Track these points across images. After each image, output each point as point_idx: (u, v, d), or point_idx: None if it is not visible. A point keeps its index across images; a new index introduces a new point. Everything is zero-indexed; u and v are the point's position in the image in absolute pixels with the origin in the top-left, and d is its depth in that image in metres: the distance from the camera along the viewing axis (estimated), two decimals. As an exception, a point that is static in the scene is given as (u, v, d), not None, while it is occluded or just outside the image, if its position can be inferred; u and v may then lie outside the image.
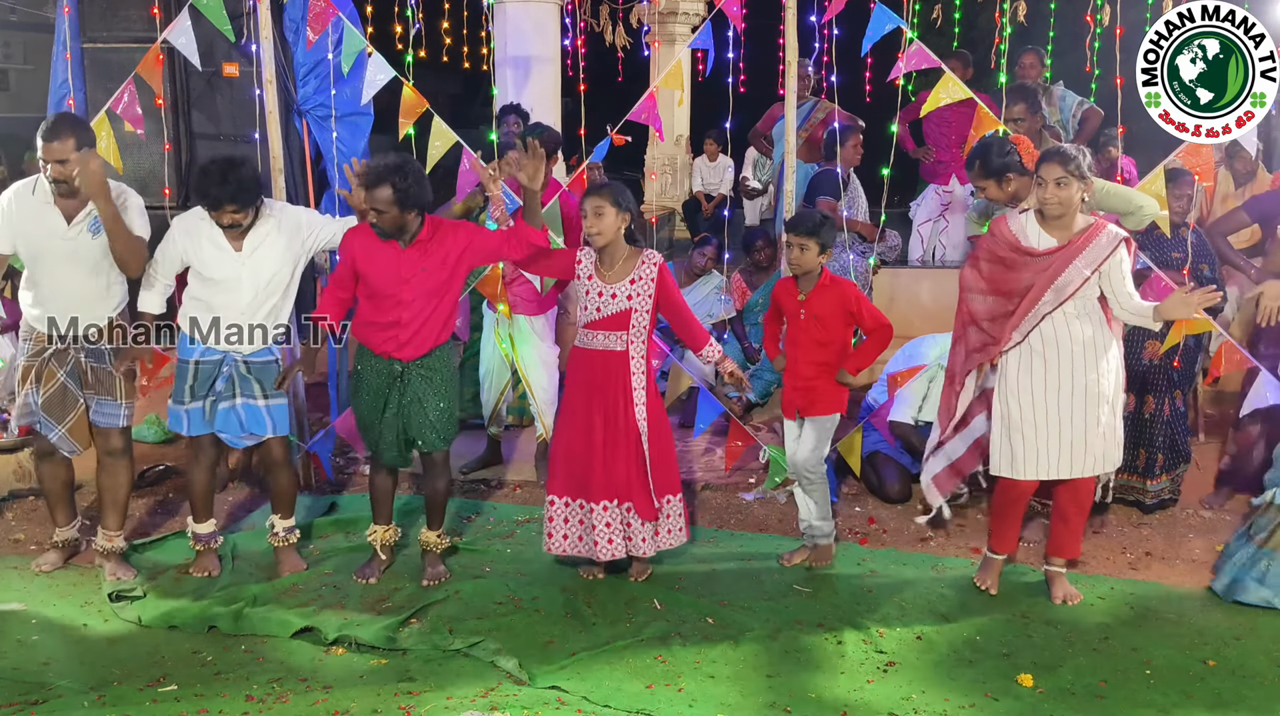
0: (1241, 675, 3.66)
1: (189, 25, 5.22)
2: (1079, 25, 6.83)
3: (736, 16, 5.36)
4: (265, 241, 4.24)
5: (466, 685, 3.58)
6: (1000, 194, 4.56)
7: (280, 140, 5.42)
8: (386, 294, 4.13)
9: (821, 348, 4.36)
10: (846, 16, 5.25)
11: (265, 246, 4.24)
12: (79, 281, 4.23)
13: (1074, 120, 6.75)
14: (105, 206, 4.04)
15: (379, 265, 4.12)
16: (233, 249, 4.21)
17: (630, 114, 5.38)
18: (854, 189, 6.65)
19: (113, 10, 7.18)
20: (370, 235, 4.15)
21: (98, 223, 4.12)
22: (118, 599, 4.23)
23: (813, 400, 4.40)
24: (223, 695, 3.53)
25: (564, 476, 4.30)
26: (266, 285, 4.26)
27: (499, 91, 7.44)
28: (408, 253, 4.11)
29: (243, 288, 4.23)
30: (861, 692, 3.54)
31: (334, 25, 5.39)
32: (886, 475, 5.33)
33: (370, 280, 4.15)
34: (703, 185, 10.25)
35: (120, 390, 4.36)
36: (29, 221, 4.18)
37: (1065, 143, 6.63)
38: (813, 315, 4.35)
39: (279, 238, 4.26)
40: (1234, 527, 4.84)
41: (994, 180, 4.53)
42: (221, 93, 7.35)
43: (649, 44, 11.40)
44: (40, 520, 5.13)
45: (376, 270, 4.12)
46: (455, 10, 8.46)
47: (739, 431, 5.45)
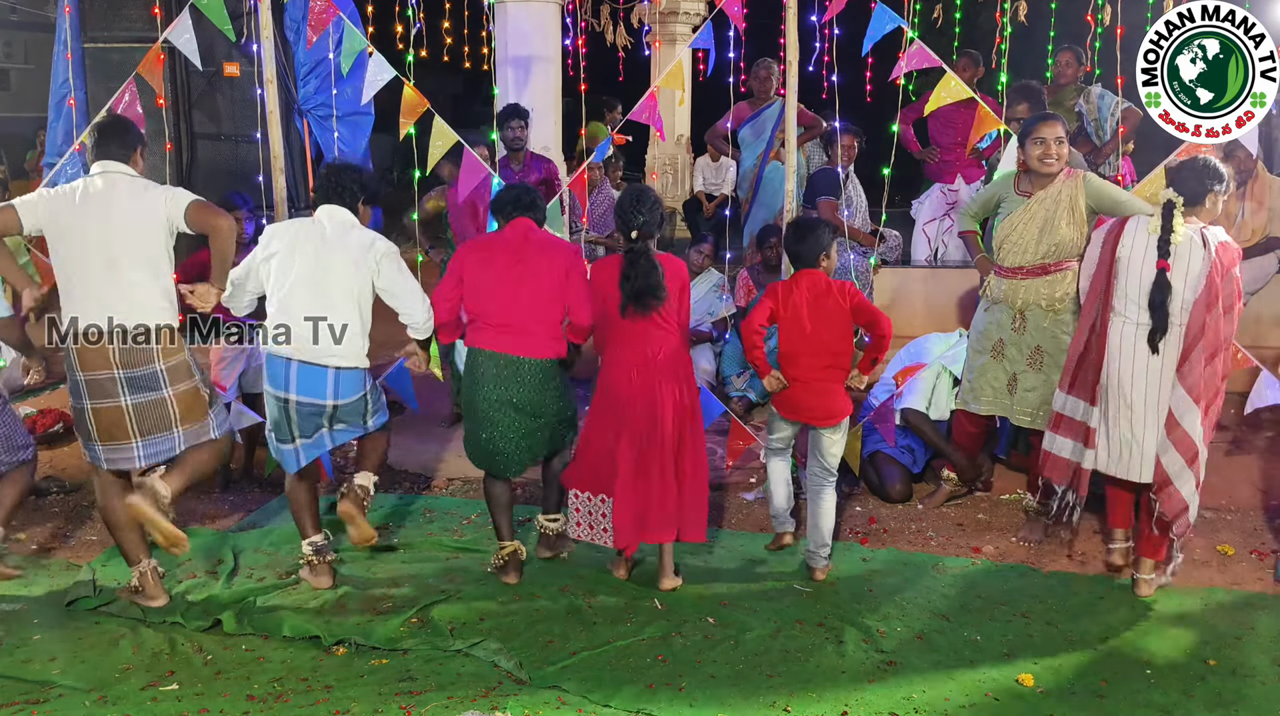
0: (1241, 675, 3.66)
1: (190, 25, 5.23)
2: (1079, 25, 6.83)
3: (737, 16, 5.37)
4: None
5: (467, 685, 3.58)
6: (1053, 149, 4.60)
7: (281, 140, 5.42)
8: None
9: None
10: (847, 16, 5.25)
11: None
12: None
13: (1113, 119, 6.74)
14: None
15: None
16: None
17: (631, 114, 5.38)
18: (854, 188, 6.66)
19: (113, 10, 7.20)
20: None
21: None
22: (71, 603, 4.21)
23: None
24: (223, 694, 3.53)
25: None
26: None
27: (500, 91, 7.45)
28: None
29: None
30: (861, 692, 3.54)
31: (334, 25, 5.39)
32: (887, 475, 5.33)
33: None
34: (704, 185, 10.23)
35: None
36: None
37: (1102, 142, 6.68)
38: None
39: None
40: (1235, 528, 4.85)
41: (1060, 123, 4.60)
42: (222, 92, 7.37)
43: (650, 44, 11.39)
44: (40, 520, 5.14)
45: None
46: (456, 10, 8.48)
47: (739, 431, 5.44)
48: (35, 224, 3.96)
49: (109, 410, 3.96)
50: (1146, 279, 4.01)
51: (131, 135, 4.09)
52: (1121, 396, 4.11)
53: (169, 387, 3.99)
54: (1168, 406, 4.02)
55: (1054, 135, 4.49)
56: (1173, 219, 3.97)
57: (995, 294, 4.79)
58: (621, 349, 4.23)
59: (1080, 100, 6.97)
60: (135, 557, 4.19)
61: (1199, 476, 4.05)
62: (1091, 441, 4.19)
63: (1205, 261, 3.94)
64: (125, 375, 3.93)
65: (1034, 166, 4.57)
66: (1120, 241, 4.11)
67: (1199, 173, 4.04)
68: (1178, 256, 3.97)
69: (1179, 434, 3.99)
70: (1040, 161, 4.52)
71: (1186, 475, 4.01)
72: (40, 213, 3.95)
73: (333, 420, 4.22)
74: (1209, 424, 4.05)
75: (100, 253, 3.90)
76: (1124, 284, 4.09)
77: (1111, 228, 4.18)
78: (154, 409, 3.98)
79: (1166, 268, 3.96)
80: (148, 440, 4.01)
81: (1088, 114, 6.92)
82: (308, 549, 4.38)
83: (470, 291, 4.23)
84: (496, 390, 4.19)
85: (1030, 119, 4.74)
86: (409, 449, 6.07)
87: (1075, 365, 4.24)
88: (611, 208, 7.60)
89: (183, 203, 3.96)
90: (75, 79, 6.15)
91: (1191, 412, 3.97)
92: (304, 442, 4.22)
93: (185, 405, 4.04)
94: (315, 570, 4.36)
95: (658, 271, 4.12)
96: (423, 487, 5.65)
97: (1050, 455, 4.35)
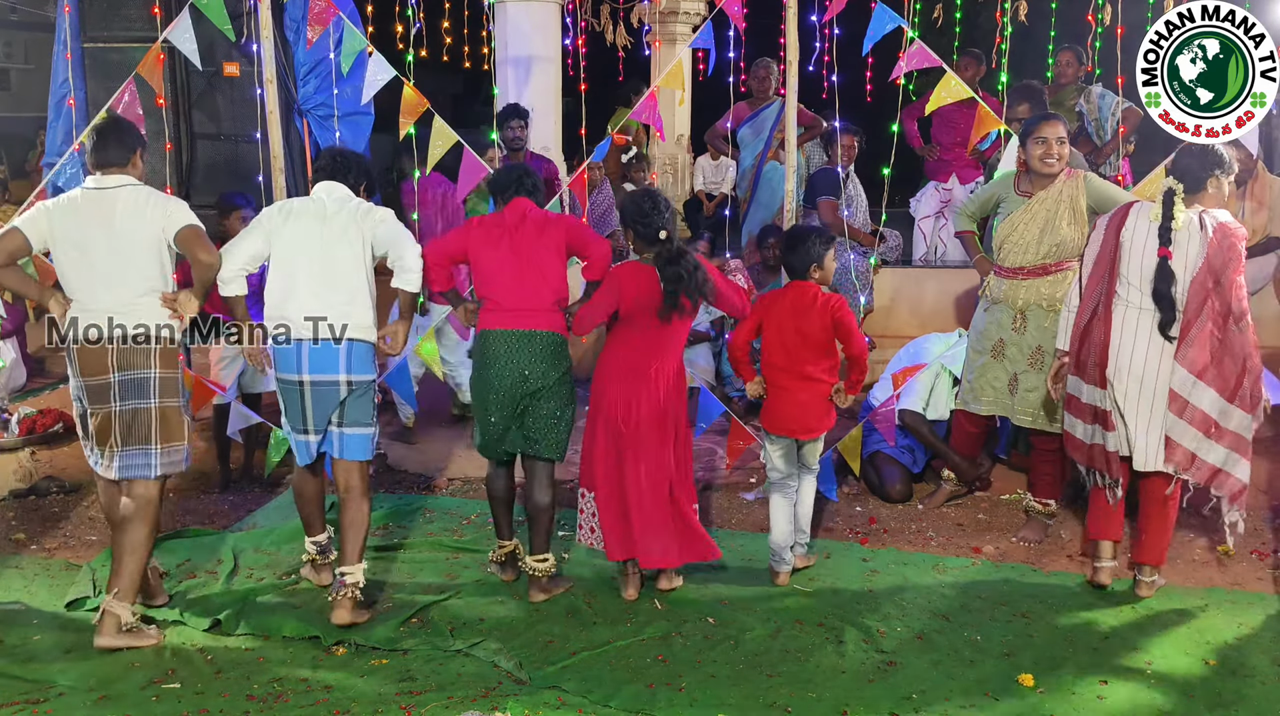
0: (1241, 675, 3.66)
1: (190, 25, 5.23)
2: (1080, 25, 6.83)
3: (737, 16, 5.37)
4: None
5: (467, 685, 3.58)
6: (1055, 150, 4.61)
7: (281, 140, 5.43)
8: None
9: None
10: (847, 16, 5.25)
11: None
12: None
13: (1113, 119, 6.74)
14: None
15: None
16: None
17: (631, 113, 5.38)
18: (854, 188, 6.66)
19: (113, 10, 7.20)
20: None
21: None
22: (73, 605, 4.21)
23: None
24: (223, 694, 3.53)
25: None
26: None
27: (500, 91, 7.45)
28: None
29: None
30: (861, 692, 3.54)
31: (334, 25, 5.40)
32: (887, 475, 5.33)
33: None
34: (704, 184, 10.23)
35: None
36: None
37: (1103, 142, 6.69)
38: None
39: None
40: (1234, 527, 4.85)
41: (1062, 123, 4.62)
42: (222, 92, 7.36)
43: (650, 44, 11.37)
44: (40, 520, 5.14)
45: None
46: (456, 10, 8.48)
47: (739, 431, 5.44)
48: (42, 241, 3.93)
49: (106, 416, 3.94)
50: (1149, 266, 4.00)
51: (131, 137, 4.05)
52: (1130, 379, 4.07)
53: (156, 399, 3.95)
54: (1169, 387, 4.00)
55: (1056, 135, 4.51)
56: (1173, 206, 3.97)
57: (996, 294, 4.79)
58: (624, 346, 4.20)
59: (1081, 100, 6.98)
60: None
61: (1235, 447, 4.01)
62: (1110, 423, 4.13)
63: (1203, 243, 3.94)
64: (119, 378, 3.90)
65: (1035, 166, 4.57)
66: (1124, 227, 4.10)
67: (1198, 158, 4.04)
68: (1178, 244, 3.97)
69: (1191, 412, 3.97)
70: (1042, 161, 4.53)
71: (1212, 449, 4.00)
72: (44, 228, 3.91)
73: (344, 409, 4.15)
74: (1245, 398, 3.98)
75: (103, 260, 3.88)
76: (1126, 270, 4.07)
77: (1116, 213, 4.18)
78: (138, 418, 3.93)
79: (1168, 255, 3.96)
80: (126, 451, 3.94)
81: (1088, 114, 6.93)
82: (312, 547, 4.37)
83: (476, 273, 4.24)
84: (510, 365, 4.14)
85: (1032, 118, 4.75)
86: (409, 449, 6.08)
87: (1078, 346, 4.23)
88: (612, 207, 7.61)
89: (178, 224, 3.93)
90: (75, 79, 6.14)
91: (1199, 389, 3.95)
92: (317, 438, 4.18)
93: (167, 424, 3.97)
94: (318, 569, 4.36)
95: (704, 267, 4.14)
96: (423, 487, 5.65)
97: (1069, 434, 4.35)
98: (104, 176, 3.95)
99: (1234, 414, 3.99)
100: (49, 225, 3.91)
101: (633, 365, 4.17)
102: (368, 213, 4.13)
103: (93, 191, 3.94)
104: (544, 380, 4.16)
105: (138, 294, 3.92)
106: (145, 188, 4.01)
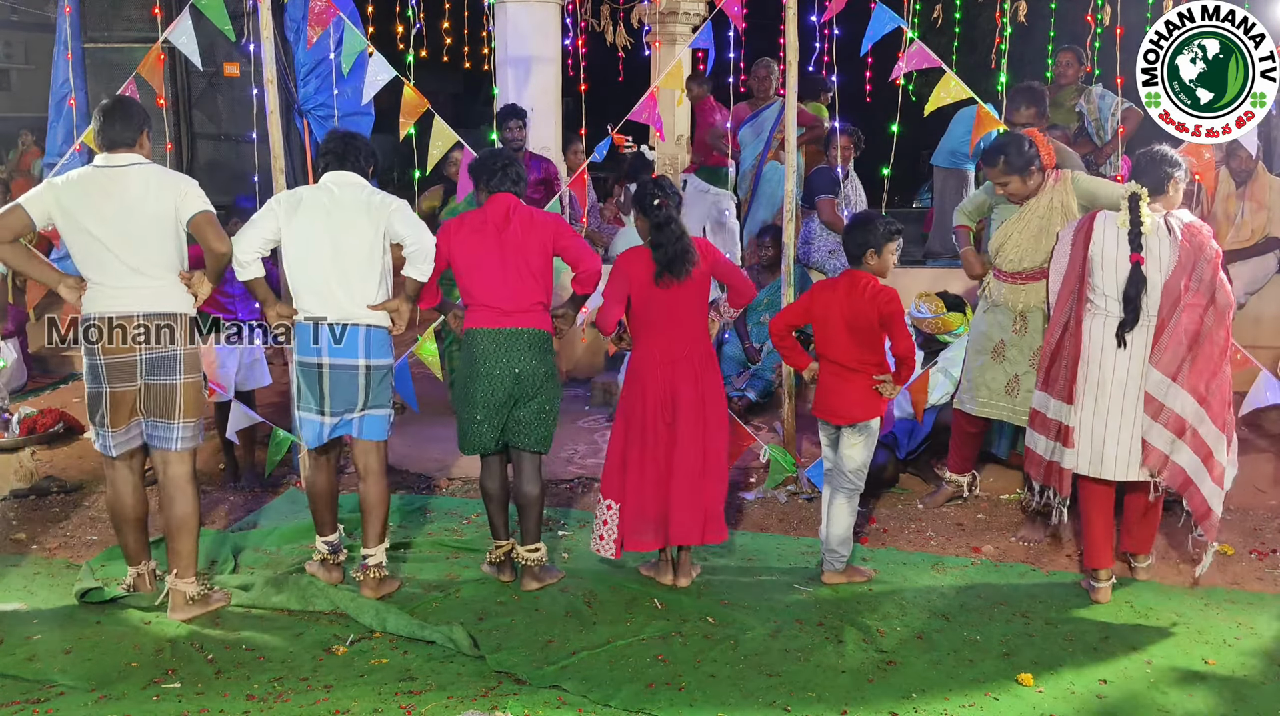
0: (1241, 675, 3.66)
1: (190, 25, 5.23)
2: (1079, 25, 6.83)
3: (737, 16, 5.37)
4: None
5: (467, 685, 3.58)
6: (1023, 189, 4.60)
7: (281, 140, 5.43)
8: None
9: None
10: (847, 16, 5.26)
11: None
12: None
13: (1113, 119, 6.74)
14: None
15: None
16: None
17: (631, 114, 5.39)
18: (853, 188, 6.67)
19: (114, 10, 7.21)
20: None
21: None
22: (84, 595, 4.21)
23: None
24: (224, 694, 3.53)
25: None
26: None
27: (500, 91, 7.45)
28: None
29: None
30: (861, 692, 3.54)
31: (334, 25, 5.40)
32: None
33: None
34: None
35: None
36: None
37: (1103, 142, 6.69)
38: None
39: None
40: (1235, 528, 4.84)
41: (1018, 175, 4.56)
42: (222, 92, 7.37)
43: (649, 44, 11.39)
44: (40, 520, 5.14)
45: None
46: (456, 10, 8.49)
47: (739, 431, 5.45)
48: (45, 217, 3.91)
49: (128, 393, 3.97)
50: (1122, 273, 4.00)
51: (137, 116, 4.02)
52: (1101, 391, 4.07)
53: (182, 375, 4.00)
54: (1144, 391, 4.01)
55: (998, 181, 4.61)
56: (1139, 211, 3.97)
57: (996, 297, 4.79)
58: (651, 337, 4.23)
59: (1081, 100, 6.97)
60: (137, 557, 4.20)
61: (1218, 470, 4.04)
62: (1070, 440, 4.16)
63: (1174, 246, 3.95)
64: (147, 355, 3.94)
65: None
66: (1091, 239, 4.09)
67: (1157, 161, 4.05)
68: (1149, 248, 3.97)
69: (1166, 414, 3.98)
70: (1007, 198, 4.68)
71: (1181, 450, 4.02)
72: (49, 203, 3.89)
73: (366, 394, 4.16)
74: (1214, 408, 4.00)
75: (119, 245, 3.87)
76: (1100, 280, 4.06)
77: (1080, 226, 4.16)
78: (163, 393, 3.98)
79: (1141, 261, 3.96)
80: (151, 421, 4.02)
81: (1088, 114, 6.92)
82: (323, 547, 4.37)
83: (459, 272, 4.23)
84: (498, 363, 4.15)
85: (982, 151, 4.84)
86: (410, 449, 6.07)
87: (1049, 363, 4.24)
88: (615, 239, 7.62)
89: (191, 209, 3.93)
90: (75, 79, 6.15)
91: (1174, 391, 3.97)
92: (332, 421, 4.19)
93: (189, 398, 4.04)
94: (327, 567, 4.37)
95: (688, 236, 4.17)
96: (423, 487, 5.65)
97: (1029, 450, 4.37)
98: (113, 155, 3.94)
99: (1206, 421, 4.01)
100: (55, 201, 3.89)
101: (663, 350, 4.21)
102: (383, 202, 4.14)
103: (102, 169, 3.92)
104: (534, 377, 4.19)
105: (158, 272, 3.93)
106: (155, 165, 4.01)
